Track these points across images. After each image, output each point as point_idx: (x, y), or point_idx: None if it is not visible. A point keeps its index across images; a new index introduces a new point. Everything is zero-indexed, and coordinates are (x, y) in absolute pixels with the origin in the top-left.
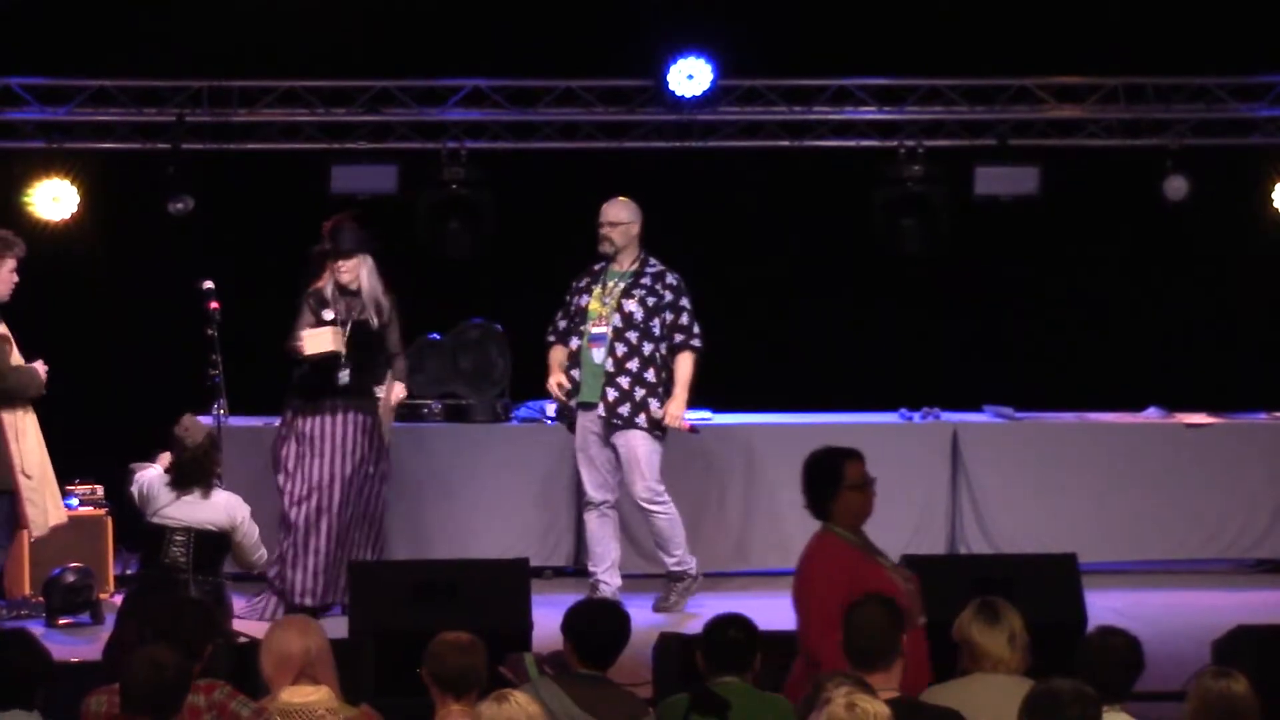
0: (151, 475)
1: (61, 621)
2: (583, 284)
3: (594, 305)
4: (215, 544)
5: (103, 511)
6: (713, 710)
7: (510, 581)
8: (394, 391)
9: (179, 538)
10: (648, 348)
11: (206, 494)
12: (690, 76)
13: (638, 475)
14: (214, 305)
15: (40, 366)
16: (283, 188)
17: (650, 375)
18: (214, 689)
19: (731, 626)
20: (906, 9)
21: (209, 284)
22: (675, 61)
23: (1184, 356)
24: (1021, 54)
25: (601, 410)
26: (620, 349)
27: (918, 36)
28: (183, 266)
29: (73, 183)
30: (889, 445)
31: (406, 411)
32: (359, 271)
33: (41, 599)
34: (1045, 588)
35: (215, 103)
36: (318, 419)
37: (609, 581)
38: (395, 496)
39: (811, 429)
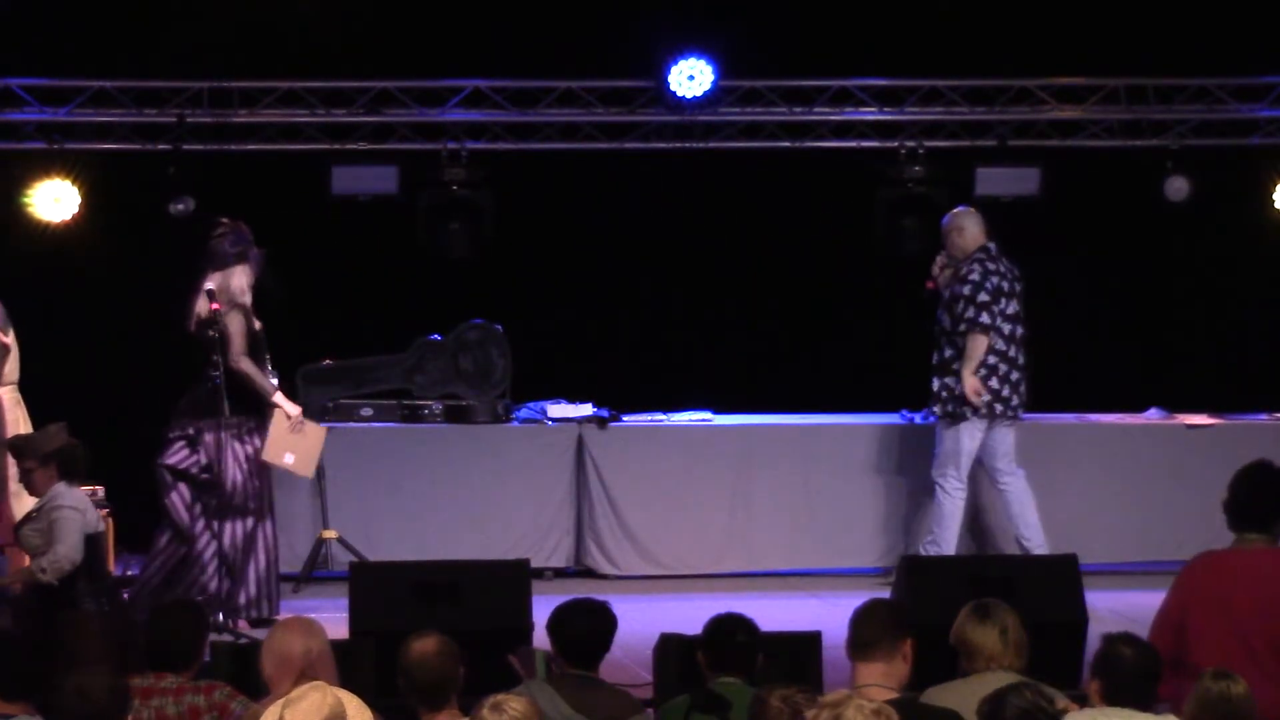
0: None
1: None
2: None
3: None
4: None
5: (104, 512)
6: (714, 709)
7: (511, 582)
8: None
9: None
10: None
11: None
12: (691, 77)
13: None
14: (215, 306)
15: None
16: (283, 189)
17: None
18: (214, 690)
19: (736, 628)
20: (906, 10)
21: (210, 285)
22: (676, 62)
23: (1185, 357)
24: (1022, 55)
25: None
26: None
27: (918, 37)
28: (183, 268)
29: (73, 183)
30: (890, 446)
31: (407, 412)
32: None
33: None
34: (1046, 588)
35: (215, 103)
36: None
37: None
38: (396, 497)
39: (811, 429)
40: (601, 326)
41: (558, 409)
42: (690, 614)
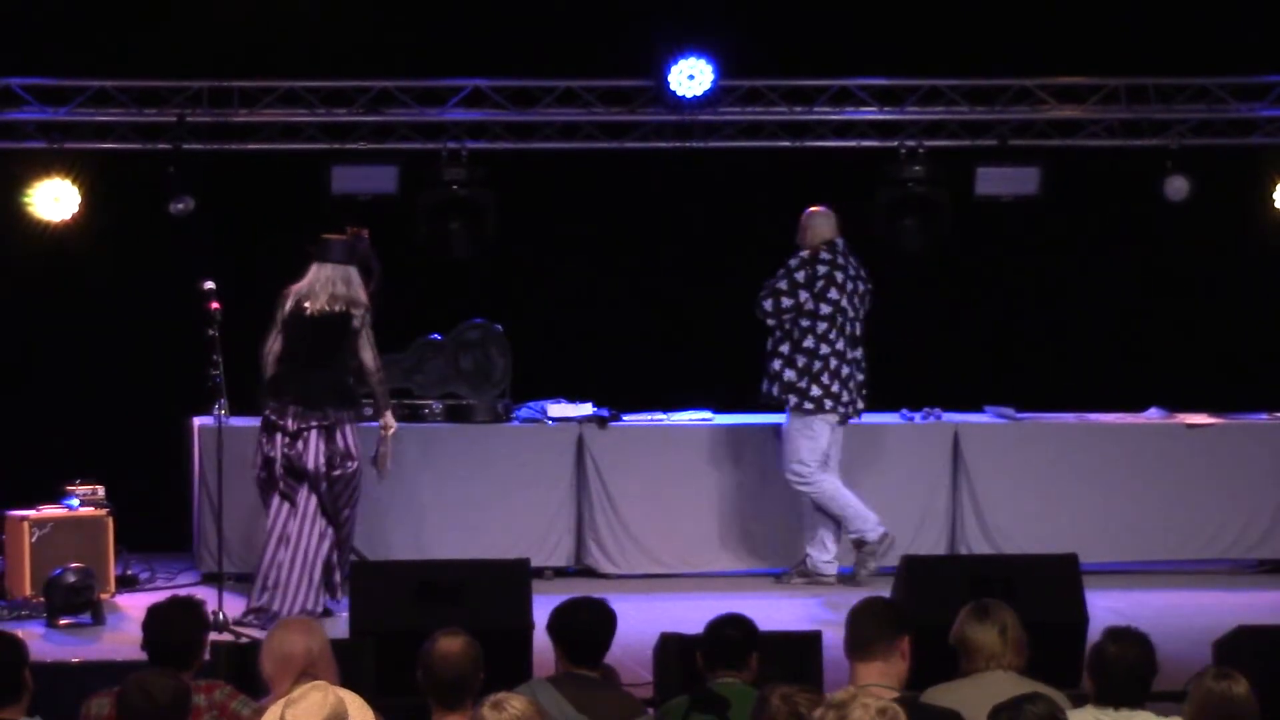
0: None
1: (62, 622)
2: None
3: None
4: None
5: (104, 512)
6: (712, 709)
7: (511, 582)
8: None
9: None
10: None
11: None
12: (691, 77)
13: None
14: (215, 305)
15: None
16: (283, 188)
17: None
18: (214, 689)
19: (729, 626)
20: (907, 9)
21: (210, 284)
22: (676, 61)
23: (1185, 357)
24: (1022, 54)
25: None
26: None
27: (918, 37)
28: (183, 267)
29: (73, 183)
30: (890, 445)
31: (407, 412)
32: None
33: (42, 599)
34: (1046, 588)
35: (215, 103)
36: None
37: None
38: (396, 496)
39: None
40: (601, 326)
41: (558, 408)
42: (690, 613)
